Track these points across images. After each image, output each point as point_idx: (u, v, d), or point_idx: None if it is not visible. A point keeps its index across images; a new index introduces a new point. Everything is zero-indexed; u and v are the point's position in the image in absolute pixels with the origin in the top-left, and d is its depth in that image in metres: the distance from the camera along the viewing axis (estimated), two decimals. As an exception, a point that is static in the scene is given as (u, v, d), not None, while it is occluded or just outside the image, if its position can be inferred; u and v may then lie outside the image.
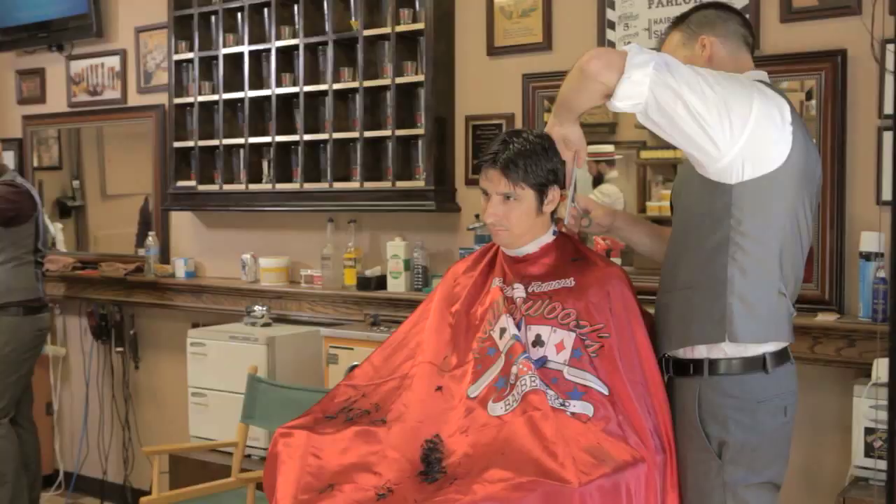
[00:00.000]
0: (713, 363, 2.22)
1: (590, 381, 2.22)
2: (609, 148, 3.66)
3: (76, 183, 5.70)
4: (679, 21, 2.43)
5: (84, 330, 5.33)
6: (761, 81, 2.27)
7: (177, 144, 4.79)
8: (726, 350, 2.21)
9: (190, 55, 4.71)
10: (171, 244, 5.08)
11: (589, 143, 3.60)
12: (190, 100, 4.72)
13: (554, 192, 2.37)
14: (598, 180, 3.68)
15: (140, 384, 5.19)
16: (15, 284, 4.35)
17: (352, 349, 3.73)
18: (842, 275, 3.18)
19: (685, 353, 2.27)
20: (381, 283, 4.14)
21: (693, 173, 2.25)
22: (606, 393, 2.21)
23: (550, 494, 1.97)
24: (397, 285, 4.07)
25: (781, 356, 2.25)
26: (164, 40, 4.90)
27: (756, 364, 2.21)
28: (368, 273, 4.17)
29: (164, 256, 5.03)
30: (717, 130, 2.08)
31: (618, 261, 3.09)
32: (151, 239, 4.99)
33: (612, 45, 3.58)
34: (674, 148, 3.52)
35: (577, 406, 2.19)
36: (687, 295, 2.26)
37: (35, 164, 5.71)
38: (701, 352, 2.24)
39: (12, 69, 5.78)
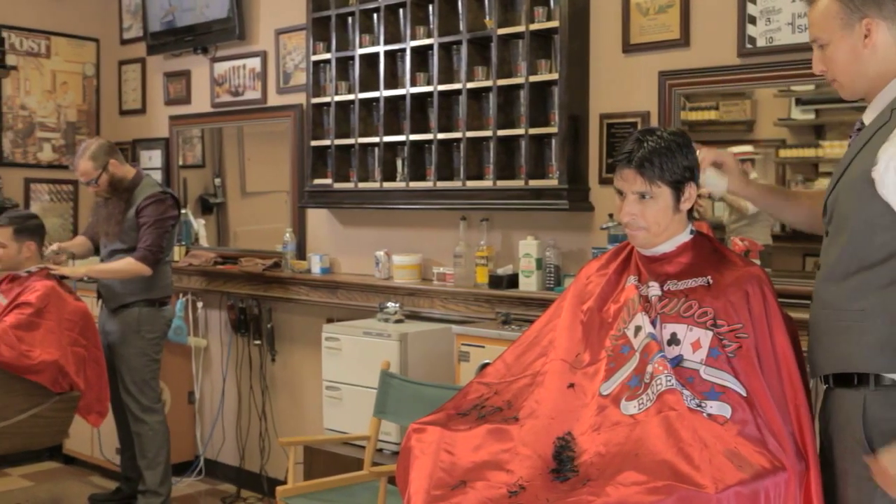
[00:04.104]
0: (880, 374, 2.05)
1: (728, 381, 2.17)
2: (748, 147, 3.56)
3: (217, 181, 5.90)
4: None
5: (224, 323, 5.51)
6: None
7: (314, 143, 4.90)
8: None
9: (327, 56, 4.81)
10: (308, 241, 5.20)
11: (727, 142, 3.58)
12: (327, 99, 4.82)
13: (691, 190, 2.33)
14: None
15: (276, 376, 5.33)
16: (159, 283, 4.62)
17: (483, 347, 3.74)
18: None
19: None
20: (512, 281, 4.13)
21: (858, 179, 2.05)
22: (744, 394, 2.16)
23: (685, 499, 1.94)
24: (529, 284, 4.06)
25: None
26: (303, 42, 5.02)
27: None
28: (500, 271, 4.17)
29: (301, 253, 5.16)
30: None
31: (757, 261, 3.00)
32: (288, 235, 5.12)
33: (752, 40, 3.48)
34: (814, 146, 3.45)
35: (713, 407, 2.14)
36: (856, 317, 2.07)
37: (180, 162, 5.94)
38: None
39: (160, 72, 6.03)
